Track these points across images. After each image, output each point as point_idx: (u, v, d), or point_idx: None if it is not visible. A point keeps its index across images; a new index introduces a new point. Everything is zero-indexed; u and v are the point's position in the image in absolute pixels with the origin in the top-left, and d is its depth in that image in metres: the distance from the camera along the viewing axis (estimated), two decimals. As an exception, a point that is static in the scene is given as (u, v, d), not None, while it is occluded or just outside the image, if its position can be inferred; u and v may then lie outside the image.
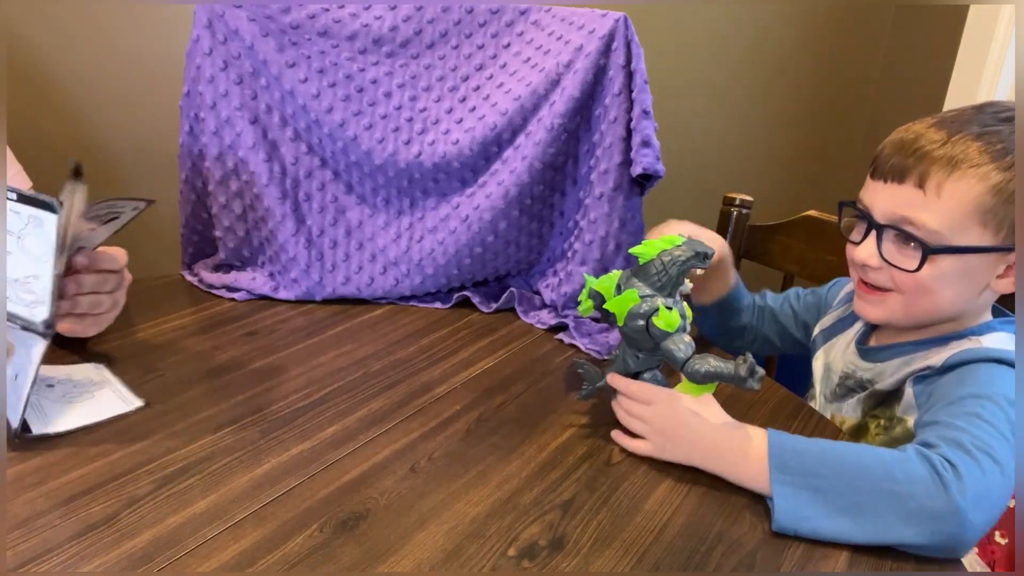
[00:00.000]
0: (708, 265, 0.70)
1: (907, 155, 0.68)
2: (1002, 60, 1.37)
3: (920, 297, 0.70)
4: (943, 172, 0.66)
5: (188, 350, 0.85)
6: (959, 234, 0.67)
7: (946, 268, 0.68)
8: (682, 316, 0.67)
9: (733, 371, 0.62)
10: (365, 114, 0.98)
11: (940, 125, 0.68)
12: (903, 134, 0.71)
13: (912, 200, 0.68)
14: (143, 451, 0.66)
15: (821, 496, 0.58)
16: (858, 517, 0.58)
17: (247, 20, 0.95)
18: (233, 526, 0.57)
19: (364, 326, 0.95)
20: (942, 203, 0.66)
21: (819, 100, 1.75)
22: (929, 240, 0.67)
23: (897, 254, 0.70)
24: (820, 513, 0.58)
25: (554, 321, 0.97)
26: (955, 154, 0.66)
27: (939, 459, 0.58)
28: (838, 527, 0.58)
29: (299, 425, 0.71)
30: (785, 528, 0.59)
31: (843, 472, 0.59)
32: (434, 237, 1.00)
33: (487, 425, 0.73)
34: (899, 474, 0.57)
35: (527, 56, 0.97)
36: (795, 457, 0.60)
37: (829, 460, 0.60)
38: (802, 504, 0.59)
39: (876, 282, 0.73)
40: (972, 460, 0.58)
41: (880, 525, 0.57)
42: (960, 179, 0.66)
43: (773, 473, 0.60)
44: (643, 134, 0.89)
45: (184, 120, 1.00)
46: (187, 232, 1.07)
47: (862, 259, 0.72)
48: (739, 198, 1.08)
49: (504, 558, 0.55)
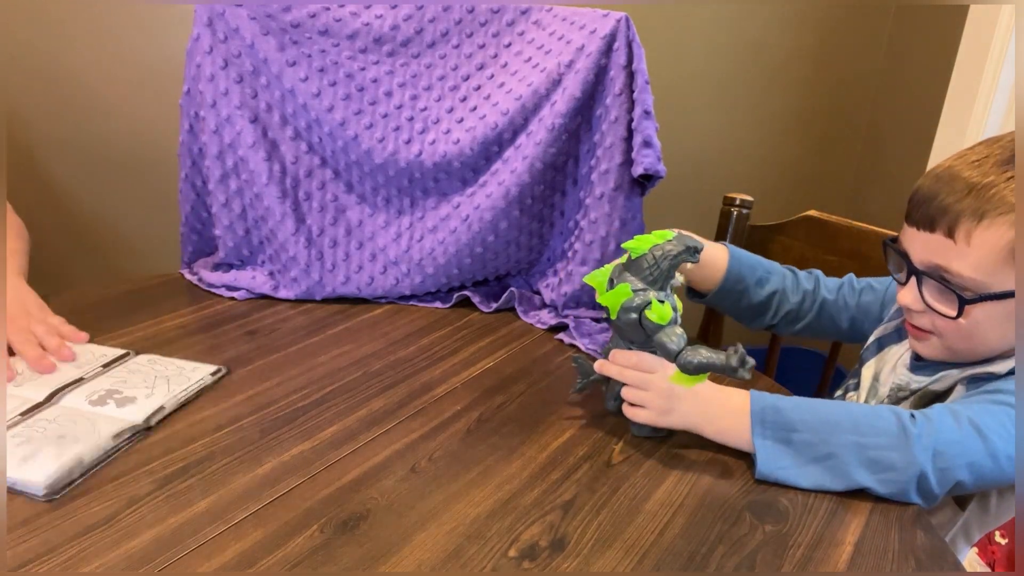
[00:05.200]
0: (698, 260, 0.70)
1: (935, 204, 0.68)
2: (1002, 60, 1.37)
3: (963, 340, 0.70)
4: (971, 221, 0.65)
5: (188, 349, 0.85)
6: (996, 279, 0.66)
7: (988, 313, 0.67)
8: (674, 309, 0.68)
9: (724, 361, 0.64)
10: (366, 113, 0.98)
11: (964, 170, 0.67)
12: (932, 182, 0.70)
13: (945, 249, 0.67)
14: (143, 451, 0.66)
15: (795, 448, 0.65)
16: (827, 466, 0.64)
17: (248, 18, 0.95)
18: (233, 526, 0.57)
19: (364, 326, 0.95)
20: (973, 251, 0.66)
21: (819, 100, 1.76)
22: (967, 287, 0.67)
23: (938, 299, 0.70)
24: (794, 463, 0.65)
25: (554, 321, 0.97)
26: (981, 203, 0.65)
27: (913, 416, 0.62)
28: (811, 475, 0.65)
29: (299, 425, 0.71)
30: (765, 476, 0.65)
31: (816, 426, 0.65)
32: (434, 236, 1.00)
33: (487, 425, 0.73)
34: (865, 427, 0.64)
35: (528, 56, 0.97)
36: (774, 413, 0.66)
37: (805, 416, 0.66)
38: (779, 455, 0.65)
39: (920, 324, 0.73)
40: (954, 421, 0.63)
41: (846, 474, 0.64)
42: (989, 227, 0.65)
43: (755, 427, 0.66)
44: (644, 134, 0.88)
45: (184, 118, 1.00)
46: (187, 231, 1.06)
47: (906, 304, 0.72)
48: (739, 198, 1.08)
49: (505, 559, 0.55)
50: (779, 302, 0.90)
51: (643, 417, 0.70)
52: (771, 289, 0.89)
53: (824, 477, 0.64)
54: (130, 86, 1.35)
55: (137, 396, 0.73)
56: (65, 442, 0.64)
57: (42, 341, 0.80)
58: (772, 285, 0.89)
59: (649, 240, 0.70)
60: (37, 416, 0.68)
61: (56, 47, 1.30)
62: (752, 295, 0.89)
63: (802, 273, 0.91)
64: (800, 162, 1.81)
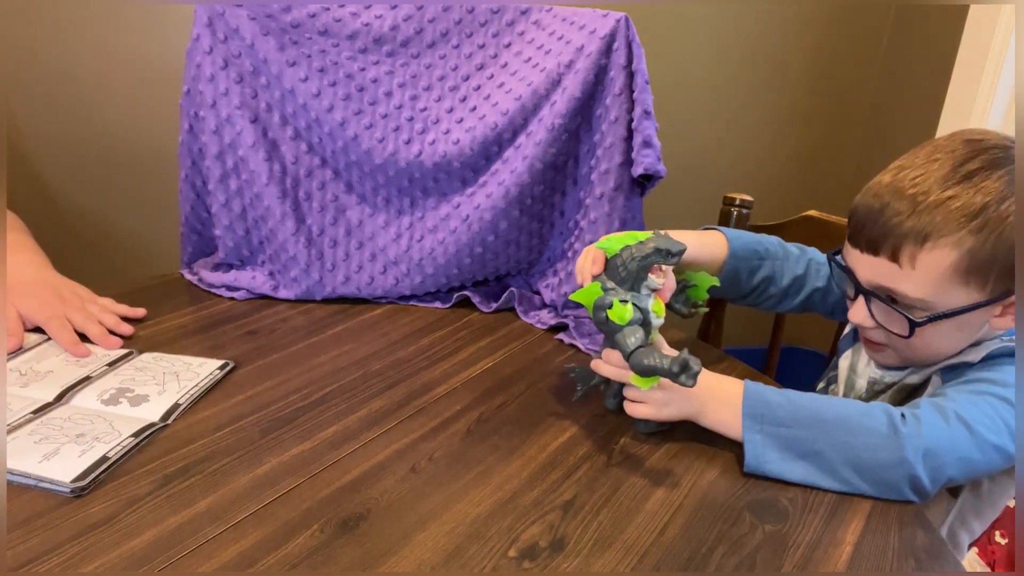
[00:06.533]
0: (674, 262, 0.69)
1: (876, 227, 0.67)
2: (1002, 60, 1.37)
3: (917, 352, 0.71)
4: (915, 244, 0.65)
5: (188, 349, 0.85)
6: (943, 298, 0.66)
7: (938, 327, 0.68)
8: (640, 310, 0.69)
9: (667, 367, 0.63)
10: (365, 113, 0.98)
11: (905, 188, 0.66)
12: (870, 200, 0.69)
13: (890, 272, 0.68)
14: (142, 450, 0.66)
15: (783, 442, 0.65)
16: (815, 463, 0.65)
17: (247, 19, 0.95)
18: (233, 526, 0.57)
19: (364, 326, 0.95)
20: (918, 274, 0.66)
21: (819, 100, 1.76)
22: (915, 306, 0.67)
23: (888, 318, 0.70)
24: (781, 457, 0.65)
25: (554, 321, 0.97)
26: (923, 225, 0.65)
27: (902, 414, 0.63)
28: (799, 471, 0.65)
29: (299, 425, 0.71)
30: (753, 469, 0.66)
31: (806, 422, 0.65)
32: (434, 236, 1.00)
33: (487, 425, 0.73)
34: (855, 426, 0.64)
35: (528, 56, 0.97)
36: (764, 407, 0.66)
37: (796, 411, 0.66)
38: (767, 449, 0.65)
39: (875, 339, 0.73)
40: (942, 419, 0.63)
41: (834, 471, 0.64)
42: (932, 249, 0.65)
43: (745, 421, 0.66)
44: (644, 134, 0.89)
45: (184, 118, 1.00)
46: (187, 231, 1.06)
47: (857, 322, 0.72)
48: (739, 198, 1.08)
49: (505, 559, 0.55)
50: (765, 287, 0.89)
51: (645, 412, 0.70)
52: (761, 276, 0.88)
53: (812, 473, 0.65)
54: (130, 86, 1.35)
55: (149, 394, 0.73)
56: (86, 440, 0.64)
57: (82, 328, 0.81)
58: (763, 272, 0.88)
59: (621, 240, 0.71)
60: (50, 415, 0.68)
61: (56, 47, 1.30)
62: (743, 285, 0.89)
63: (795, 253, 0.89)
64: (800, 162, 1.81)
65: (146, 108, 1.36)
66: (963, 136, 0.69)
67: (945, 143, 0.69)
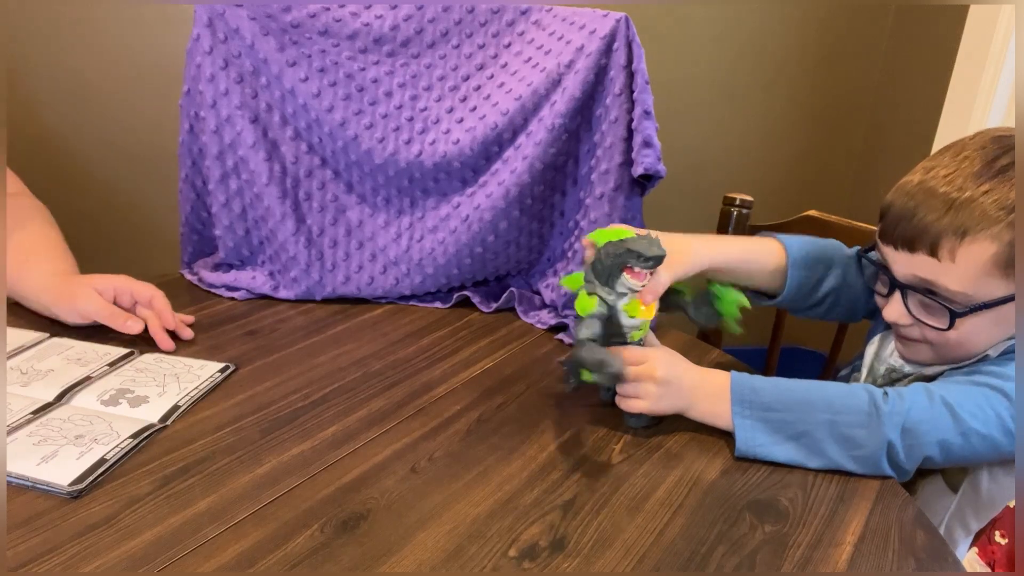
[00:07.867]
0: (649, 267, 0.68)
1: (911, 226, 0.67)
2: (1002, 60, 1.37)
3: (954, 348, 0.71)
4: (954, 238, 0.65)
5: (188, 349, 0.85)
6: (984, 290, 0.66)
7: (977, 322, 0.68)
8: (606, 305, 0.70)
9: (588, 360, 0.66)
10: (366, 113, 0.98)
11: (938, 186, 0.67)
12: (903, 199, 0.69)
13: (929, 266, 0.67)
14: (142, 451, 0.66)
15: (772, 426, 0.68)
16: (803, 444, 0.67)
17: (248, 19, 0.95)
18: (233, 526, 0.57)
19: (364, 326, 0.95)
20: (958, 267, 0.66)
21: (819, 100, 1.76)
22: (955, 300, 0.67)
23: (926, 312, 0.70)
24: (771, 440, 0.67)
25: (554, 321, 0.97)
26: (962, 220, 0.65)
27: (885, 392, 0.64)
28: (788, 453, 0.67)
29: (299, 425, 0.71)
30: (744, 453, 0.68)
31: (792, 405, 0.67)
32: (434, 236, 1.00)
33: (487, 425, 0.73)
34: (839, 406, 0.66)
35: (528, 56, 0.97)
36: (752, 393, 0.69)
37: (782, 396, 0.68)
38: (756, 433, 0.68)
39: (910, 335, 0.73)
40: (927, 400, 0.64)
41: (821, 450, 0.67)
42: (972, 243, 0.65)
43: (734, 407, 0.69)
44: (644, 134, 0.88)
45: (184, 119, 1.00)
46: (187, 231, 1.06)
47: (892, 319, 0.72)
48: (739, 198, 1.08)
49: (505, 559, 0.55)
50: (832, 303, 0.85)
51: (640, 407, 0.71)
52: (827, 288, 0.84)
53: (799, 453, 0.67)
54: (130, 86, 1.35)
55: (149, 395, 0.73)
56: (84, 442, 0.64)
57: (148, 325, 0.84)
58: (830, 283, 0.83)
59: (607, 235, 0.71)
60: (49, 416, 0.68)
61: (56, 47, 1.30)
62: (810, 298, 0.85)
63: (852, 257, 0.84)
64: (800, 162, 1.81)
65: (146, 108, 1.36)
66: (991, 134, 0.70)
67: (972, 141, 0.69)
